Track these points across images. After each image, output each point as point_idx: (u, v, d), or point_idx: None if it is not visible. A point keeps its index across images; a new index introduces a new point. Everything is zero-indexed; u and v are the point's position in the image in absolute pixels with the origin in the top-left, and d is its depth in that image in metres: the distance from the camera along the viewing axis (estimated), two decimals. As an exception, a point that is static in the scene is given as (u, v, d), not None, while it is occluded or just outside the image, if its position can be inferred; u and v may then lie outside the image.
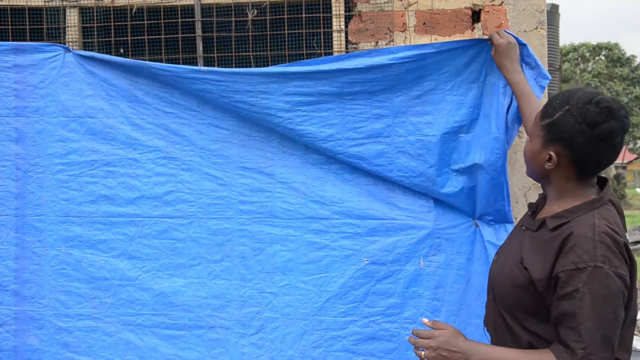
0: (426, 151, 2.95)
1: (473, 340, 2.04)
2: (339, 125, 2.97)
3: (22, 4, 3.46)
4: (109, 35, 3.44)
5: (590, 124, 1.88)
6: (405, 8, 3.31)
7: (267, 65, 3.09)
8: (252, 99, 2.95)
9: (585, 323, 1.80)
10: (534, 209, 2.15)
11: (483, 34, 3.24)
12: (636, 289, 1.93)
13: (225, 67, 3.25)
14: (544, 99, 3.01)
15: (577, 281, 1.82)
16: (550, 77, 2.88)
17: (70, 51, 3.09)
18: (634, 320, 1.96)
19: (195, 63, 3.29)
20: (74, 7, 3.49)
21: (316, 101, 2.95)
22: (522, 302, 1.98)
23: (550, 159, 1.97)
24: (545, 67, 2.96)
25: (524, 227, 2.12)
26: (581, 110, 1.89)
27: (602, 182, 2.05)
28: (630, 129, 28.66)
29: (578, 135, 1.89)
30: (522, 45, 2.85)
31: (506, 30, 2.88)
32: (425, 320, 2.09)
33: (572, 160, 1.94)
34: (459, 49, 2.91)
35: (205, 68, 2.98)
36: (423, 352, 2.02)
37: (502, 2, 3.22)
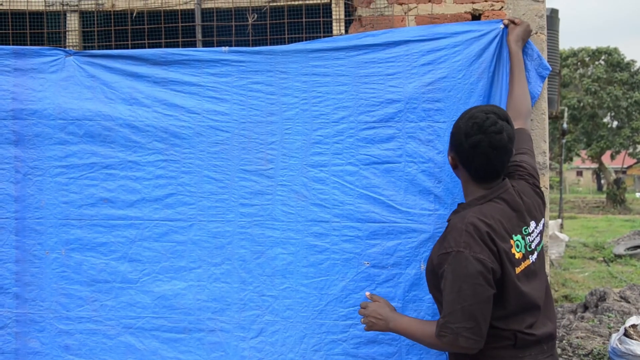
0: (436, 137, 2.99)
1: (397, 312, 2.51)
2: (352, 108, 3.02)
3: (22, 8, 3.46)
4: (109, 40, 3.45)
5: (465, 135, 2.29)
6: (405, 12, 3.31)
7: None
8: (270, 79, 3.04)
9: (446, 297, 2.19)
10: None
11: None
12: (513, 279, 2.23)
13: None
14: (543, 92, 3.13)
15: (444, 263, 2.22)
16: (550, 68, 3.01)
17: (71, 55, 3.10)
18: (533, 306, 2.29)
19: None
20: (75, 11, 3.50)
21: (332, 82, 3.02)
22: (434, 284, 2.36)
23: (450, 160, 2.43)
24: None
25: None
26: (465, 123, 2.30)
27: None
28: (630, 134, 28.50)
29: (460, 144, 2.31)
30: None
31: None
32: (367, 293, 2.62)
33: (462, 164, 2.36)
34: (472, 39, 2.99)
35: (227, 48, 3.05)
36: (361, 319, 2.56)
37: (502, 7, 3.23)
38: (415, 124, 3.00)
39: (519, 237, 2.31)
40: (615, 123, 34.67)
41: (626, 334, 4.80)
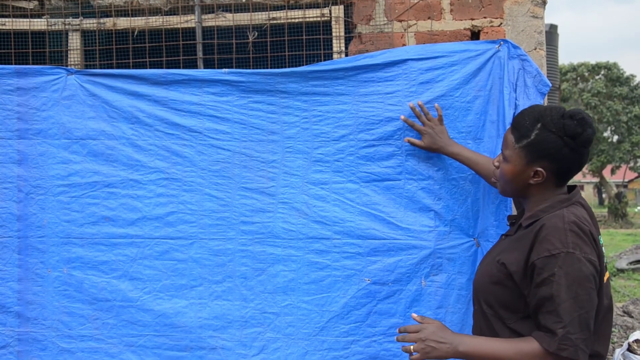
0: (435, 154, 3.00)
1: (459, 333, 2.17)
2: (352, 126, 3.03)
3: (25, 27, 3.49)
4: (110, 58, 3.47)
5: (572, 136, 2.03)
6: (405, 29, 3.33)
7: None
8: (271, 98, 3.06)
9: (562, 304, 1.92)
10: (514, 220, 2.30)
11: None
12: (604, 288, 2.06)
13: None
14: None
15: (552, 267, 1.95)
16: (550, 84, 3.00)
17: (72, 73, 3.12)
18: (610, 310, 2.12)
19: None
20: (76, 30, 3.52)
21: (332, 101, 3.04)
22: (502, 299, 2.11)
23: (536, 174, 2.11)
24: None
25: (503, 237, 2.30)
26: (559, 125, 2.04)
27: (572, 189, 2.21)
28: (630, 148, 28.50)
29: (562, 148, 2.04)
30: (523, 57, 2.98)
31: (509, 40, 2.97)
32: (414, 315, 2.20)
33: (555, 171, 2.09)
34: (469, 58, 3.01)
35: (226, 70, 3.06)
36: (412, 346, 2.11)
37: (501, 24, 3.25)
38: None
39: (601, 243, 2.11)
40: (615, 137, 34.69)
41: (630, 349, 4.78)
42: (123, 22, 3.51)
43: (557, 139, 2.03)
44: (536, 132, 2.07)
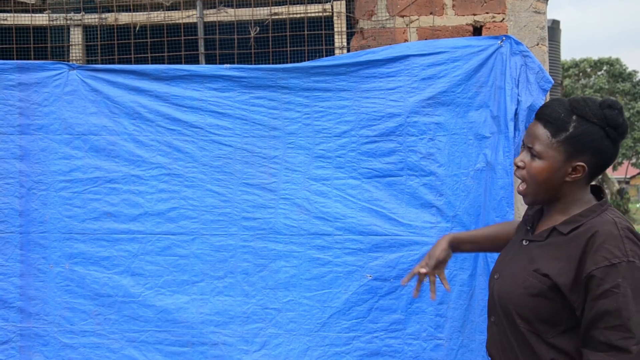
0: (437, 150, 3.01)
1: None
2: (354, 122, 3.04)
3: (26, 22, 3.49)
4: (112, 54, 3.47)
5: (614, 126, 1.87)
6: (407, 25, 3.33)
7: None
8: (273, 94, 3.06)
9: (632, 318, 1.75)
10: (531, 223, 2.09)
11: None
12: None
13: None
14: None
15: (614, 277, 1.77)
16: (553, 81, 2.98)
17: (74, 69, 3.12)
18: None
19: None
20: (78, 25, 3.52)
21: (334, 97, 3.04)
22: (542, 312, 1.90)
23: (574, 170, 1.91)
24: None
25: (525, 241, 2.05)
26: (600, 115, 1.88)
27: (598, 191, 2.04)
28: (632, 144, 28.39)
29: (604, 140, 1.88)
30: (525, 53, 2.97)
31: (511, 36, 2.97)
32: None
33: (595, 165, 1.92)
34: (471, 54, 3.00)
35: (228, 65, 3.07)
36: None
37: (503, 19, 3.25)
38: (416, 138, 3.01)
39: None
40: (617, 133, 34.60)
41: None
42: (125, 18, 3.50)
43: (599, 130, 1.87)
44: (574, 124, 1.89)
